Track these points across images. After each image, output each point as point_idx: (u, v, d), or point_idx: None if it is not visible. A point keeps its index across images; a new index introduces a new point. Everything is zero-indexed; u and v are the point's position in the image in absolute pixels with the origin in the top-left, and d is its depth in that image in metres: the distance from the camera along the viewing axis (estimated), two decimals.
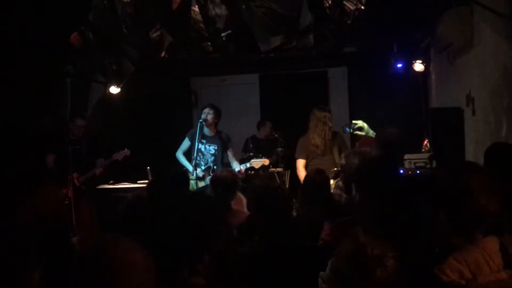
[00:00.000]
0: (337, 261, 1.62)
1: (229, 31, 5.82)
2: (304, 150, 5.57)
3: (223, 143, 5.89)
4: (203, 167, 5.88)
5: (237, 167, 5.86)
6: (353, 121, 4.85)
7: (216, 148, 5.86)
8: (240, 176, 5.51)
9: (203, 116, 5.80)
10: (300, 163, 5.59)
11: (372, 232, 1.60)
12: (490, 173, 1.85)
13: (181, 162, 5.97)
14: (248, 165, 5.88)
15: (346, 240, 1.64)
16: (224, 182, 3.86)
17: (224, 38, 5.91)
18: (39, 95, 5.99)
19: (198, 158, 5.83)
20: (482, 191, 1.74)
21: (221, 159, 5.86)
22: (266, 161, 5.98)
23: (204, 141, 5.84)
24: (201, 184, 5.82)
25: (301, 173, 5.57)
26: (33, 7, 4.89)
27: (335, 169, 5.37)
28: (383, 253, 1.55)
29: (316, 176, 3.83)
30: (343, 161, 3.61)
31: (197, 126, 5.80)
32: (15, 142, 5.38)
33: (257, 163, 5.88)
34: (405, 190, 2.43)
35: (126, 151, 5.92)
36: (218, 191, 3.75)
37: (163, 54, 6.21)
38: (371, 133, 4.68)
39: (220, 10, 5.70)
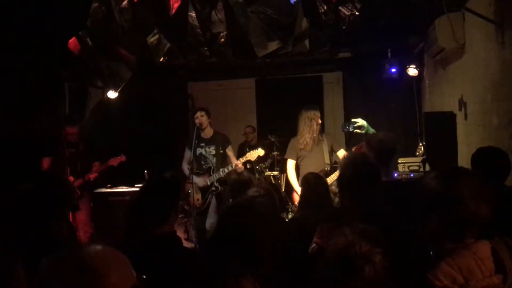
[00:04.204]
0: (326, 261, 1.63)
1: (226, 37, 5.88)
2: (294, 151, 5.57)
3: (221, 142, 5.85)
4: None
5: (234, 161, 5.73)
6: (353, 120, 4.80)
7: (215, 148, 5.81)
8: (239, 171, 5.45)
9: (197, 121, 5.74)
10: (290, 164, 5.60)
11: (359, 231, 1.62)
12: (480, 178, 1.83)
13: (184, 173, 5.88)
14: (244, 158, 5.75)
15: (334, 240, 1.65)
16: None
17: (221, 43, 5.96)
18: (37, 99, 6.02)
19: (202, 163, 5.79)
20: (472, 196, 1.72)
21: (222, 158, 5.81)
22: (261, 152, 5.78)
23: (203, 144, 5.81)
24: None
25: (290, 173, 5.56)
26: (32, 12, 4.94)
27: (326, 169, 5.42)
28: (370, 249, 1.56)
29: (315, 181, 3.77)
30: (341, 168, 3.47)
31: (193, 134, 5.71)
32: (12, 145, 5.41)
33: (252, 155, 5.75)
34: (395, 196, 2.39)
35: (122, 157, 5.93)
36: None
37: (160, 59, 6.27)
38: (371, 131, 4.62)
39: (217, 16, 5.76)
